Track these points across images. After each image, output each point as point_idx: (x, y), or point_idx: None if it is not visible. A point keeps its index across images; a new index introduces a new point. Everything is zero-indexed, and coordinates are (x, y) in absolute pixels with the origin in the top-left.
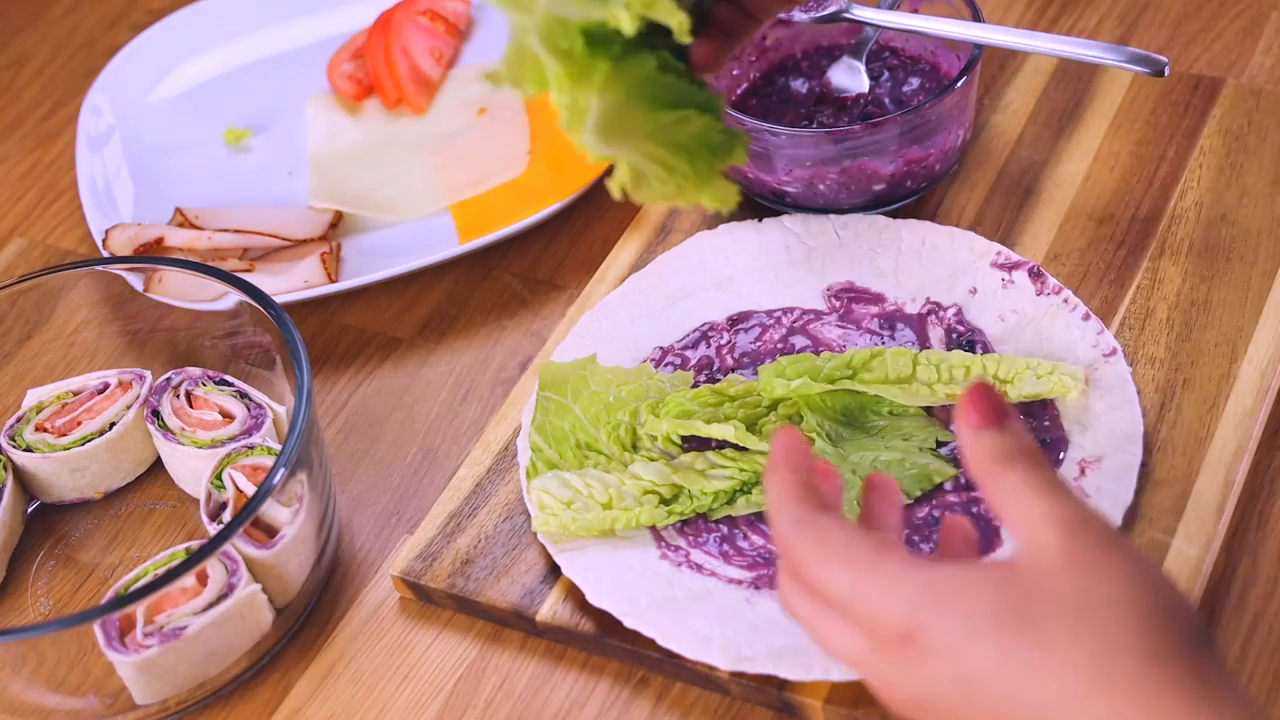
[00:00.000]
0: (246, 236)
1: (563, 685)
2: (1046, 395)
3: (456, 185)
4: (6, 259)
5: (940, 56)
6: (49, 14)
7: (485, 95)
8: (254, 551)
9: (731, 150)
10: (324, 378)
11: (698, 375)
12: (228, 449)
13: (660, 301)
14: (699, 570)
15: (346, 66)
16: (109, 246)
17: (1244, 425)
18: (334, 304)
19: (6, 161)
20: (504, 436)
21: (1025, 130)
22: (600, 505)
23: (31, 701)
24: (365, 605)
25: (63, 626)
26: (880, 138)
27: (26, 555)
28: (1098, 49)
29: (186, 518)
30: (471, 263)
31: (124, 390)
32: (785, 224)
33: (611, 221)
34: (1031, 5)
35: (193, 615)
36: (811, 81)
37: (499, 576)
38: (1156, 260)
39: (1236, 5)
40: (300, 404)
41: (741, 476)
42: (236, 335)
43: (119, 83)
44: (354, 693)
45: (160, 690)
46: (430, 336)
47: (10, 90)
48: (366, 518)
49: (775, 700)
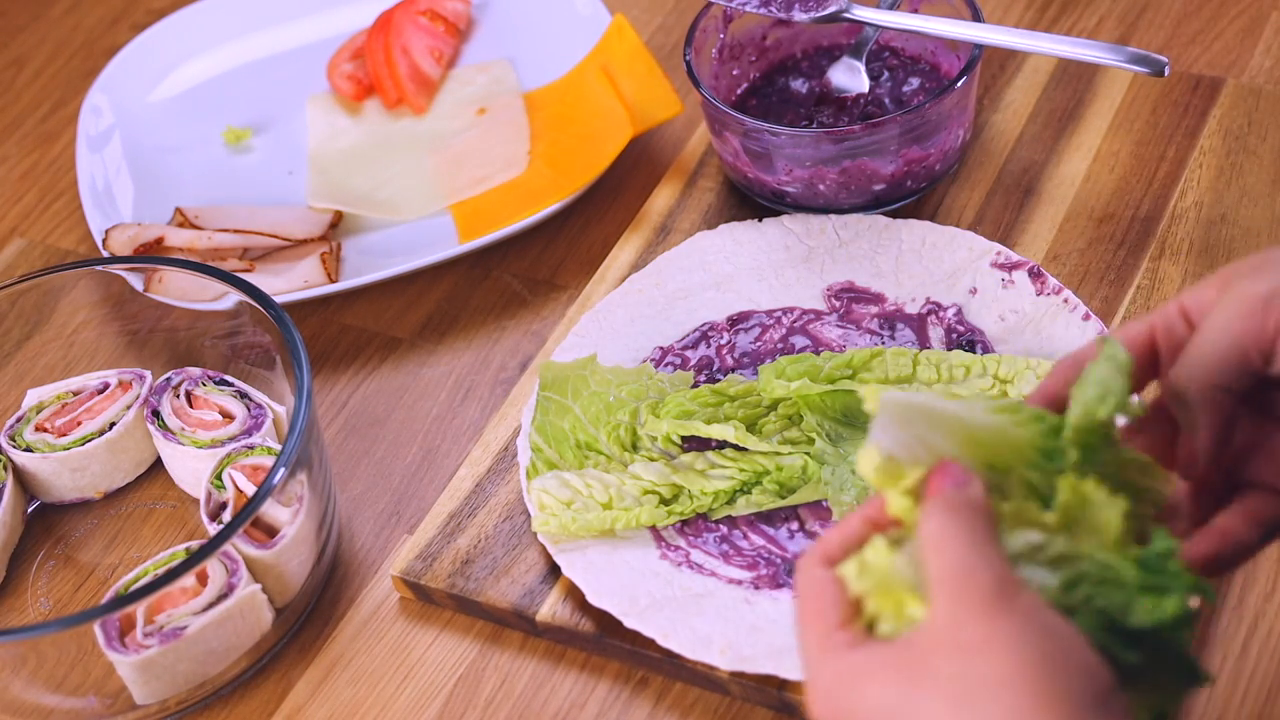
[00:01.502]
0: (246, 236)
1: (563, 685)
2: None
3: (456, 185)
4: (6, 259)
5: (940, 56)
6: (49, 14)
7: (485, 95)
8: (254, 551)
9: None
10: (324, 378)
11: (698, 375)
12: (228, 449)
13: (660, 301)
14: (699, 570)
15: (346, 66)
16: (109, 246)
17: None
18: (334, 304)
19: (6, 161)
20: (504, 436)
21: (1025, 130)
22: (600, 505)
23: (31, 701)
24: (365, 605)
25: (63, 626)
26: (880, 138)
27: (26, 555)
28: (1098, 49)
29: (186, 518)
30: (471, 263)
31: (124, 390)
32: (785, 224)
33: (611, 221)
34: (1031, 5)
35: (193, 615)
36: (811, 81)
37: (499, 576)
38: (1156, 260)
39: (1236, 5)
40: (300, 404)
41: (741, 476)
42: (236, 335)
43: (119, 83)
44: (354, 693)
45: (160, 690)
46: (430, 336)
47: (10, 90)
48: (366, 518)
49: (775, 700)
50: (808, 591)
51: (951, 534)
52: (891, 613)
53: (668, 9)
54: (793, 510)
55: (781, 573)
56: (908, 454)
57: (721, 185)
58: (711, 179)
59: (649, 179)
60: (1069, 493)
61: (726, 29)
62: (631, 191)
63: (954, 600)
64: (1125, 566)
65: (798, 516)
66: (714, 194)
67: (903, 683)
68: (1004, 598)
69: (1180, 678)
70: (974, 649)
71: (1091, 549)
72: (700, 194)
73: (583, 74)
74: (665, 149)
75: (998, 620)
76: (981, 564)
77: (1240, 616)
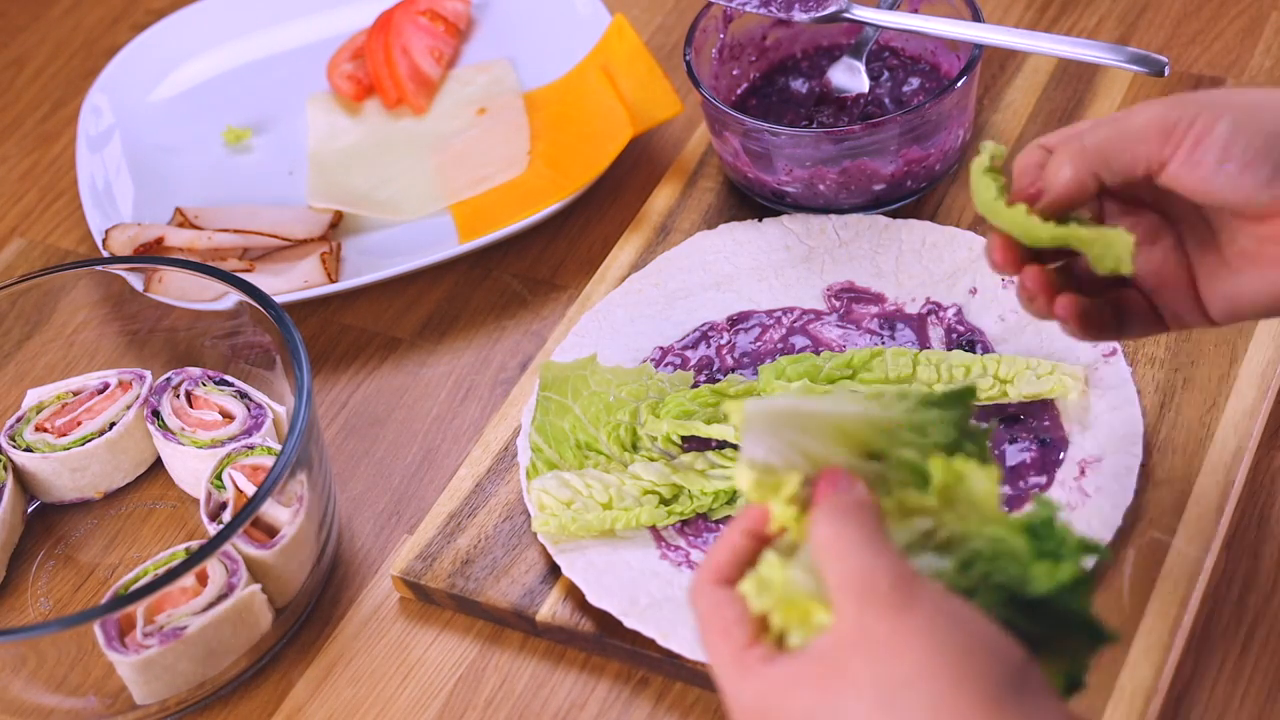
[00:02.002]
0: (246, 236)
1: (563, 685)
2: (1046, 395)
3: (456, 185)
4: (6, 259)
5: (940, 56)
6: (49, 14)
7: (485, 95)
8: (254, 551)
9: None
10: (324, 378)
11: (698, 375)
12: (228, 449)
13: (660, 301)
14: None
15: (346, 66)
16: (109, 246)
17: (1244, 425)
18: (334, 304)
19: (6, 161)
20: (504, 436)
21: (1025, 130)
22: (600, 505)
23: (31, 701)
24: (365, 605)
25: (63, 626)
26: (880, 138)
27: (26, 555)
28: (1098, 49)
29: (186, 518)
30: (471, 263)
31: (124, 390)
32: (785, 224)
33: (611, 221)
34: (1031, 5)
35: (193, 615)
36: (811, 81)
37: (499, 576)
38: None
39: (1236, 5)
40: (300, 404)
41: None
42: (236, 335)
43: (119, 83)
44: (354, 693)
45: (160, 690)
46: (430, 336)
47: (10, 90)
48: (366, 518)
49: None
50: (710, 614)
51: (845, 538)
52: (798, 624)
53: (668, 9)
54: None
55: None
56: (783, 460)
57: (721, 185)
58: (711, 179)
59: (649, 179)
60: (942, 472)
61: (726, 29)
62: (631, 191)
63: (859, 604)
64: (1015, 539)
65: None
66: (714, 194)
67: (825, 691)
68: (906, 594)
69: (1086, 639)
70: (886, 648)
71: (977, 525)
72: (700, 194)
73: (583, 74)
74: (665, 149)
75: (903, 617)
76: (879, 564)
77: (1240, 616)
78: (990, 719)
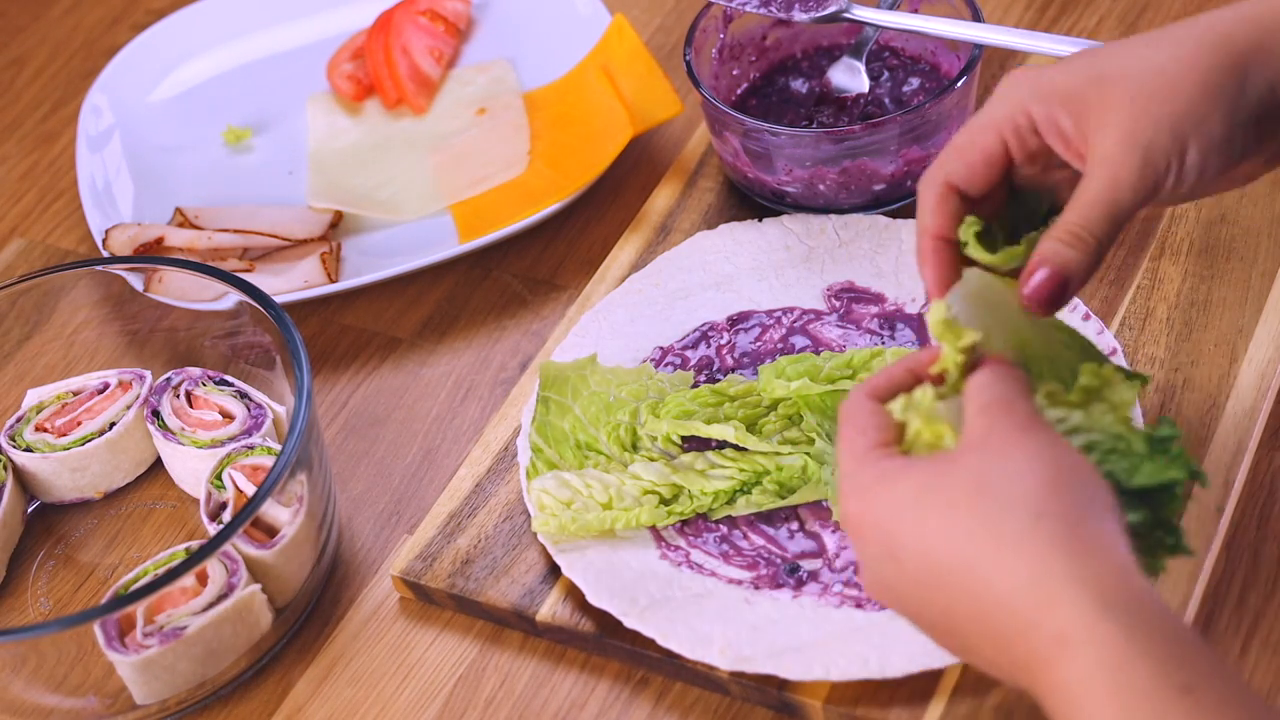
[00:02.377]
0: (246, 236)
1: (563, 685)
2: None
3: (456, 185)
4: (6, 259)
5: (940, 56)
6: (49, 14)
7: (485, 95)
8: (254, 551)
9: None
10: (324, 378)
11: (698, 375)
12: (228, 449)
13: (660, 301)
14: (699, 570)
15: (346, 66)
16: (109, 246)
17: (1244, 425)
18: (334, 304)
19: (6, 161)
20: (504, 436)
21: None
22: (600, 505)
23: (31, 701)
24: (365, 605)
25: (63, 626)
26: (880, 138)
27: (26, 555)
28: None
29: (186, 518)
30: (471, 263)
31: (124, 390)
32: (785, 224)
33: (611, 221)
34: (1031, 5)
35: (192, 615)
36: (811, 81)
37: (499, 576)
38: (1156, 260)
39: None
40: (300, 404)
41: (741, 476)
42: (236, 335)
43: (119, 83)
44: (354, 693)
45: (160, 690)
46: (430, 336)
47: (10, 90)
48: (366, 518)
49: (775, 700)
50: (853, 416)
51: (995, 382)
52: (930, 443)
53: (668, 9)
54: (793, 510)
55: (781, 573)
56: (967, 323)
57: (721, 185)
58: (711, 179)
59: (649, 179)
60: (1091, 375)
61: (726, 29)
62: (631, 191)
63: (989, 419)
64: (1135, 439)
65: (798, 516)
66: (714, 194)
67: (930, 474)
68: (1032, 420)
69: (1166, 542)
70: (998, 451)
71: (1106, 424)
72: (700, 194)
73: (583, 74)
74: (665, 149)
75: (1024, 435)
76: (1018, 401)
77: (1240, 616)
78: (1072, 530)
